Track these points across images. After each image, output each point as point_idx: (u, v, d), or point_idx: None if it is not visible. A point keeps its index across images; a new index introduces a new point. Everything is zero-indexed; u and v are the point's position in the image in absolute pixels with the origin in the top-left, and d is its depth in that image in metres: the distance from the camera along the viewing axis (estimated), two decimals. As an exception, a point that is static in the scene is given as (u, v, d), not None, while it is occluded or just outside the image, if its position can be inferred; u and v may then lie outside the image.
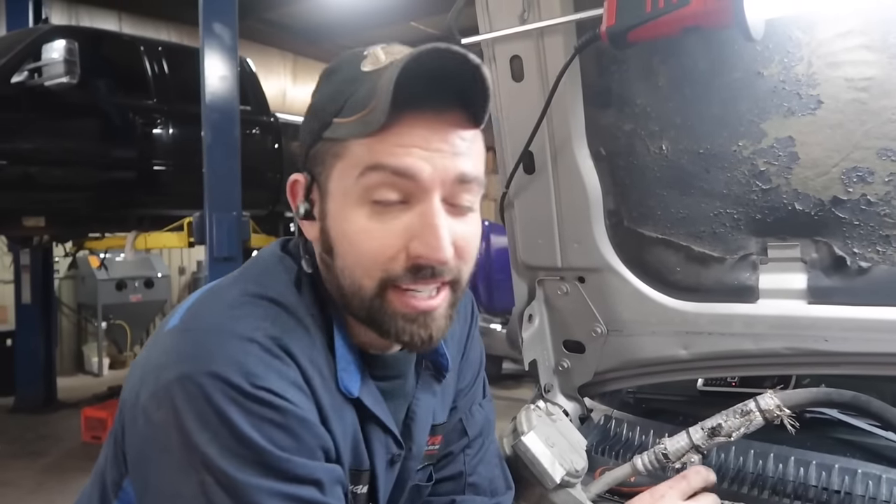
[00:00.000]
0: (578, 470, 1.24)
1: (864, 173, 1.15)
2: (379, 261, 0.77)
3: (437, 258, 0.76)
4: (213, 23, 4.72)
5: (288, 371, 0.75)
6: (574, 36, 1.24)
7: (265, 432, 0.71)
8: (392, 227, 0.77)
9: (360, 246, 0.78)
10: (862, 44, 1.10)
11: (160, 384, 0.73)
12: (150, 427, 0.73)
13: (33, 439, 5.71)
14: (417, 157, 0.75)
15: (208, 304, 0.81)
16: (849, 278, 1.20)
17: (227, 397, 0.70)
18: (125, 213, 5.85)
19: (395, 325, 0.79)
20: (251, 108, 6.25)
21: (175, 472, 0.71)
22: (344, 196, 0.78)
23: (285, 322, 0.78)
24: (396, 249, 0.77)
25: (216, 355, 0.72)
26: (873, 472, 1.16)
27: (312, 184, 0.82)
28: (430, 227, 0.76)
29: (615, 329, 1.43)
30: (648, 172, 1.34)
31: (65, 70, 4.72)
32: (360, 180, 0.76)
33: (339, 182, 0.79)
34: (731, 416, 1.13)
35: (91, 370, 8.40)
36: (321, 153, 0.80)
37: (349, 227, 0.78)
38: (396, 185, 0.76)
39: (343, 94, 0.78)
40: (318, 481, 0.74)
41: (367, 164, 0.76)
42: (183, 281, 9.86)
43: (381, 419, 0.88)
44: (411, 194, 0.77)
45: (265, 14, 10.09)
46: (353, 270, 0.79)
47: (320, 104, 0.81)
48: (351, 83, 0.78)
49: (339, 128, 0.78)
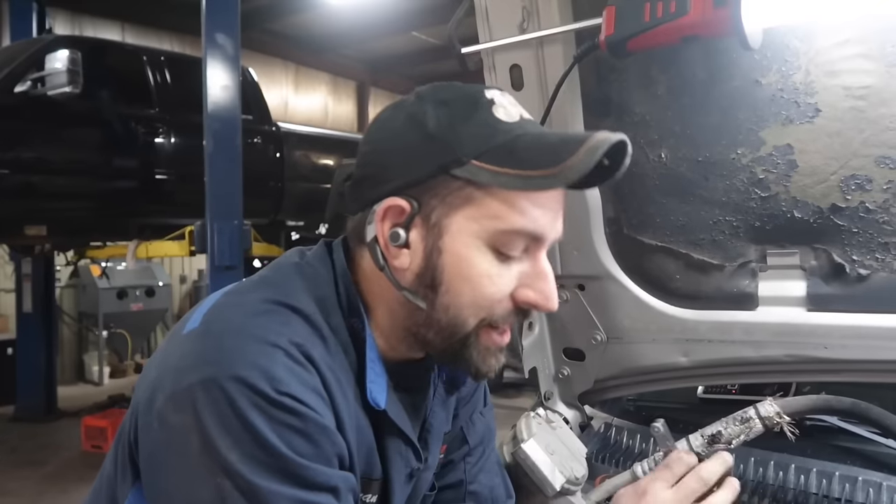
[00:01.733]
0: (578, 477, 1.24)
1: (862, 181, 1.15)
2: (493, 304, 0.81)
3: (549, 306, 0.82)
4: (215, 33, 4.74)
5: (310, 378, 0.75)
6: (573, 45, 1.25)
7: (286, 438, 0.71)
8: (511, 274, 0.81)
9: (483, 289, 0.80)
10: (860, 53, 1.11)
11: (180, 387, 0.72)
12: (166, 430, 0.73)
13: (34, 448, 5.69)
14: (548, 220, 0.81)
15: (229, 309, 0.80)
16: (848, 285, 1.21)
17: (250, 402, 0.70)
18: (127, 222, 5.85)
19: (481, 357, 0.84)
20: (253, 118, 6.26)
21: (192, 476, 0.71)
22: (471, 238, 0.79)
23: (305, 330, 0.79)
24: (508, 294, 0.82)
25: (240, 359, 0.72)
26: (874, 479, 1.16)
27: (416, 214, 0.80)
28: (543, 278, 0.82)
29: (615, 337, 1.43)
30: (648, 180, 1.35)
31: (68, 80, 4.73)
32: (496, 234, 0.79)
33: (466, 224, 0.79)
34: (731, 424, 1.13)
35: (92, 379, 8.38)
36: (441, 188, 0.79)
37: (473, 270, 0.80)
38: (525, 242, 0.81)
39: (483, 138, 0.78)
40: (335, 488, 0.75)
41: (510, 228, 0.79)
42: (184, 290, 9.86)
43: (404, 431, 0.88)
44: (530, 248, 0.82)
45: (268, 24, 10.14)
46: (461, 308, 0.81)
47: (444, 135, 0.78)
48: (489, 127, 0.78)
49: (482, 173, 0.77)
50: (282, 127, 6.82)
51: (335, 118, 12.39)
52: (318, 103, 12.36)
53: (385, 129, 0.84)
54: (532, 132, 0.80)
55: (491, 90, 0.82)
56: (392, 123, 0.83)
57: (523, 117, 0.81)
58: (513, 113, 0.81)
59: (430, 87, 0.84)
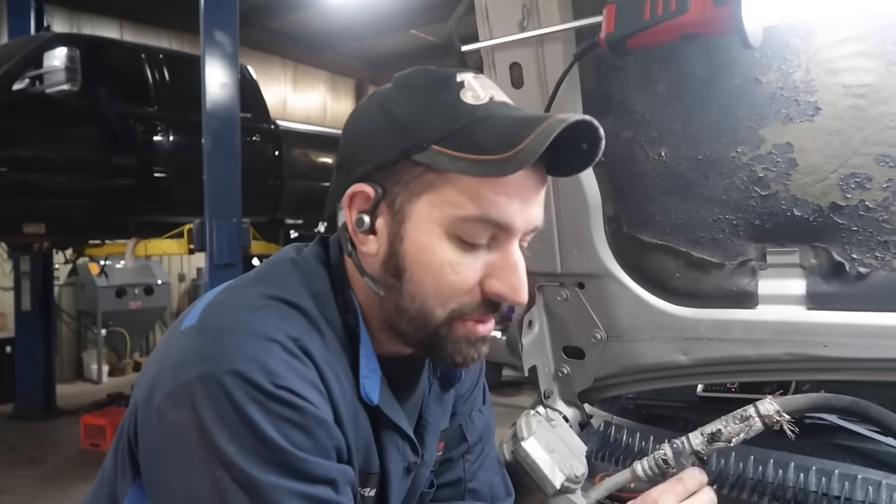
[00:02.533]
0: (578, 476, 1.24)
1: (862, 179, 1.15)
2: (458, 293, 0.79)
3: (517, 299, 0.80)
4: (214, 30, 4.73)
5: (307, 372, 0.75)
6: (573, 43, 1.25)
7: (284, 432, 0.71)
8: (475, 263, 0.79)
9: (445, 278, 0.79)
10: (860, 51, 1.11)
11: (178, 383, 0.72)
12: (165, 426, 0.73)
13: (32, 446, 5.69)
14: (516, 209, 0.78)
15: (227, 305, 0.80)
16: (847, 284, 1.21)
17: (248, 396, 0.70)
18: (125, 220, 5.84)
19: (456, 348, 0.82)
20: (252, 116, 6.25)
21: (191, 470, 0.71)
22: (431, 225, 0.78)
23: (302, 324, 0.79)
24: (474, 283, 0.80)
25: (238, 354, 0.72)
26: (873, 477, 1.16)
27: (381, 200, 0.80)
28: (511, 269, 0.79)
29: (615, 335, 1.43)
30: (648, 178, 1.35)
31: (66, 77, 4.72)
32: (460, 223, 0.77)
33: (427, 211, 0.78)
34: (731, 422, 1.13)
35: (90, 377, 8.37)
36: (404, 174, 0.78)
37: (433, 258, 0.78)
38: (491, 231, 0.78)
39: (444, 122, 0.77)
40: (333, 481, 0.75)
41: (472, 215, 0.76)
42: (183, 288, 9.85)
43: (399, 426, 0.89)
44: (497, 237, 0.79)
45: (266, 22, 10.12)
46: (426, 298, 0.80)
47: (407, 120, 0.78)
48: (452, 111, 0.77)
49: (441, 158, 0.76)
50: (280, 125, 6.81)
51: (334, 116, 12.38)
52: (316, 101, 12.35)
53: (359, 117, 0.85)
54: (497, 115, 0.77)
55: (465, 73, 0.81)
56: (365, 111, 0.84)
57: (494, 99, 0.79)
58: (481, 95, 0.78)
59: (405, 73, 0.84)
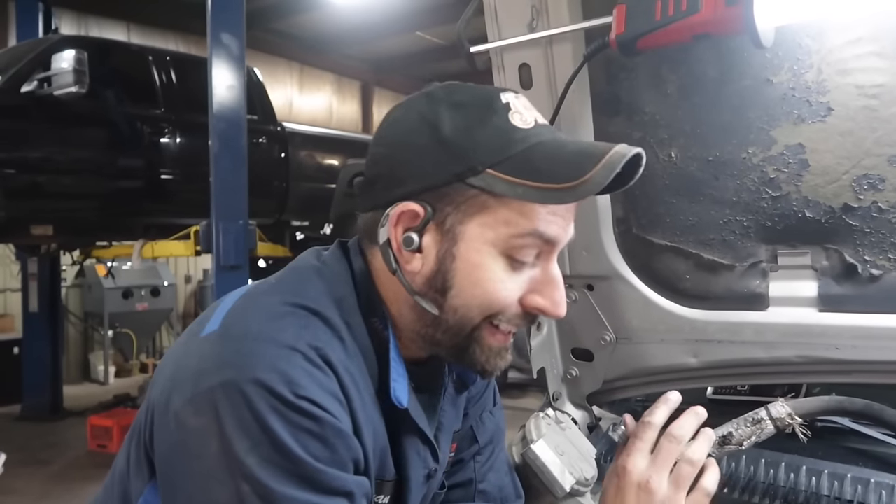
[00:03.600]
0: (588, 479, 1.23)
1: (874, 180, 1.14)
2: (502, 307, 0.81)
3: (558, 313, 0.83)
4: (220, 33, 4.75)
5: (328, 382, 0.75)
6: (583, 44, 1.24)
7: (304, 443, 0.71)
8: (521, 280, 0.82)
9: (493, 294, 0.80)
10: (872, 51, 1.10)
11: (200, 390, 0.72)
12: (184, 433, 0.73)
13: (39, 447, 5.70)
14: (561, 226, 0.81)
15: (248, 312, 0.80)
16: (860, 286, 1.20)
17: (269, 406, 0.70)
18: (132, 222, 5.87)
19: (484, 356, 0.84)
20: (258, 118, 6.27)
21: (209, 479, 0.71)
22: (485, 245, 0.79)
23: (324, 333, 0.79)
24: (518, 299, 0.82)
25: (260, 363, 0.72)
26: (886, 481, 1.15)
27: (430, 219, 0.80)
28: (553, 284, 0.83)
29: (624, 337, 1.42)
30: (657, 180, 1.34)
31: (74, 80, 4.75)
32: (510, 239, 0.79)
33: (480, 232, 0.79)
34: (742, 425, 1.12)
35: (97, 378, 8.40)
36: (457, 196, 0.79)
37: (484, 276, 0.80)
38: (539, 247, 0.81)
39: (500, 146, 0.78)
40: (350, 493, 0.75)
41: (524, 230, 0.79)
42: (189, 289, 9.88)
43: (423, 431, 0.89)
44: (541, 254, 0.82)
45: (272, 24, 10.16)
46: (469, 310, 0.81)
47: (459, 142, 0.78)
48: (505, 135, 0.78)
49: (497, 183, 0.77)
50: (287, 127, 6.83)
51: (340, 118, 12.40)
52: (322, 103, 12.37)
53: (398, 130, 0.83)
54: (548, 140, 0.80)
55: (506, 93, 0.82)
56: (405, 125, 0.83)
57: (538, 122, 0.82)
58: (528, 118, 0.81)
59: (444, 88, 0.83)
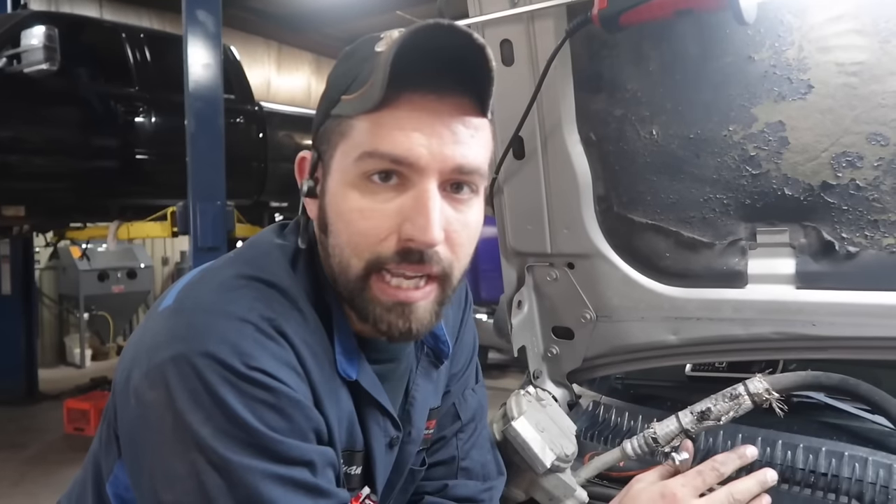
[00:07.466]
0: (568, 455, 1.24)
1: (853, 158, 1.15)
2: (370, 241, 0.77)
3: (426, 240, 0.75)
4: (196, 10, 4.66)
5: (282, 352, 0.75)
6: (565, 20, 1.23)
7: (258, 413, 0.71)
8: (385, 209, 0.76)
9: (354, 225, 0.77)
10: (853, 28, 1.10)
11: (153, 364, 0.72)
12: (142, 407, 0.73)
13: (15, 431, 5.65)
14: (416, 142, 0.74)
15: (202, 286, 0.80)
16: (837, 263, 1.21)
17: (221, 378, 0.70)
18: (107, 203, 5.78)
19: (374, 312, 0.79)
20: (235, 97, 6.18)
21: (167, 452, 0.71)
22: (342, 174, 0.78)
23: (279, 304, 0.78)
24: (388, 231, 0.76)
25: (210, 335, 0.72)
26: (860, 454, 1.17)
27: (318, 161, 0.82)
28: (421, 209, 0.75)
29: (604, 315, 1.43)
30: (638, 158, 1.34)
31: (44, 57, 4.64)
32: (357, 162, 0.76)
33: (340, 160, 0.78)
34: (721, 400, 1.14)
35: (73, 362, 8.31)
36: (328, 131, 0.80)
37: (344, 206, 0.78)
38: (393, 169, 0.76)
39: (353, 73, 0.78)
40: (311, 462, 0.74)
41: (365, 150, 0.75)
42: (166, 271, 9.78)
43: (379, 402, 0.88)
44: (407, 178, 0.76)
45: (249, 2, 9.99)
46: (343, 249, 0.79)
47: (332, 83, 0.82)
48: (362, 62, 0.78)
49: (345, 105, 0.78)
50: (265, 107, 6.74)
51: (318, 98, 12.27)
52: (301, 83, 12.23)
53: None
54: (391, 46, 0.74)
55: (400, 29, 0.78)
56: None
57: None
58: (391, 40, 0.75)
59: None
